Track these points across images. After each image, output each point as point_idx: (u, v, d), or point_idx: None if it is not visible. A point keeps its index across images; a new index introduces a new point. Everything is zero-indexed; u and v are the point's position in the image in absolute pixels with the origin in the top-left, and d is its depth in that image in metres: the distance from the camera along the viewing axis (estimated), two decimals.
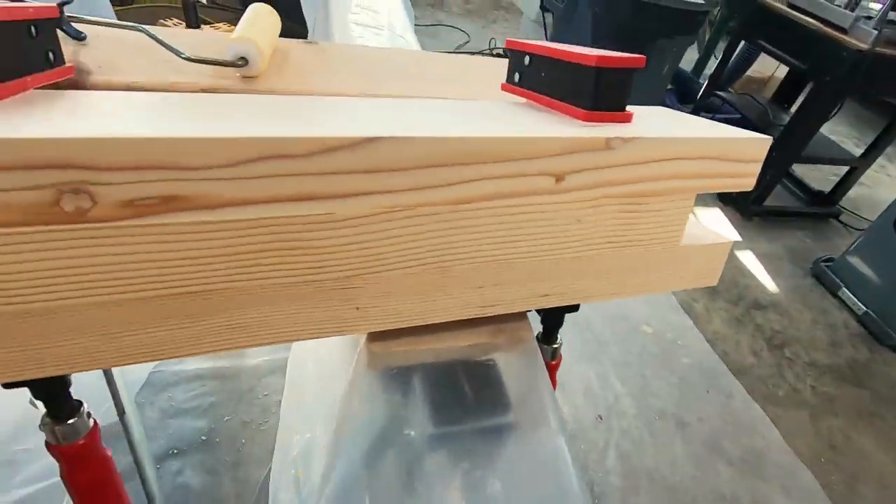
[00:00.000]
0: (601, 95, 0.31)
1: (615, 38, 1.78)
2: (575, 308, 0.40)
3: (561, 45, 0.36)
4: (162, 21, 2.03)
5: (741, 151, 0.32)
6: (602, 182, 0.29)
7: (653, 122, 0.33)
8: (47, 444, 0.32)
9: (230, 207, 0.22)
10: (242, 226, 0.23)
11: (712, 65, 2.79)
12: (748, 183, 0.34)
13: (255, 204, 0.23)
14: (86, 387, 0.75)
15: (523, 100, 0.38)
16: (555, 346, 0.43)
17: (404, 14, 0.82)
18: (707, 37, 2.47)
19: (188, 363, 1.27)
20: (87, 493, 0.34)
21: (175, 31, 0.50)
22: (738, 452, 1.35)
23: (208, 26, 2.13)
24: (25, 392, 0.75)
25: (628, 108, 0.32)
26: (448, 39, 3.45)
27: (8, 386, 0.27)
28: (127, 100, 0.26)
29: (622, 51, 0.39)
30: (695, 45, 2.73)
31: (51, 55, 0.30)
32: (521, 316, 0.36)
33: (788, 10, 2.09)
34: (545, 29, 2.48)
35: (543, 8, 2.20)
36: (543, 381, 0.32)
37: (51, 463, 0.72)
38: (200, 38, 0.52)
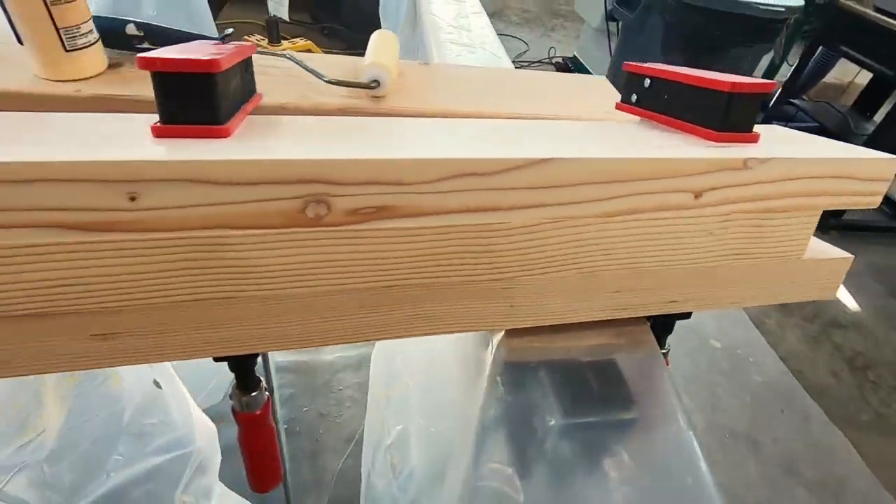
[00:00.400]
0: (733, 118, 0.33)
1: (687, 48, 1.76)
2: (687, 315, 0.42)
3: (683, 69, 0.38)
4: (246, 37, 2.19)
5: (869, 170, 0.34)
6: (735, 198, 0.32)
7: (779, 141, 0.35)
8: (233, 411, 0.38)
9: (428, 216, 0.27)
10: (435, 231, 0.27)
11: (784, 71, 2.68)
12: (874, 201, 0.35)
13: (448, 213, 0.27)
14: (190, 372, 0.83)
15: (637, 118, 0.41)
16: (663, 351, 0.45)
17: (493, 30, 0.87)
18: (783, 43, 2.38)
19: (270, 356, 1.36)
20: (255, 456, 0.40)
21: (306, 56, 0.56)
22: (817, 477, 1.30)
23: (286, 41, 2.27)
24: (151, 373, 0.84)
25: None
26: (507, 48, 3.49)
27: (217, 359, 0.33)
28: (330, 123, 0.31)
29: (695, 60, 0.41)
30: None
31: (252, 85, 0.35)
32: (641, 320, 0.39)
33: (875, 14, 1.98)
34: (609, 38, 2.47)
35: (610, 17, 2.19)
36: (668, 381, 0.35)
37: (174, 437, 0.80)
38: (329, 62, 0.58)
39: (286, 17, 1.92)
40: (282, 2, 1.80)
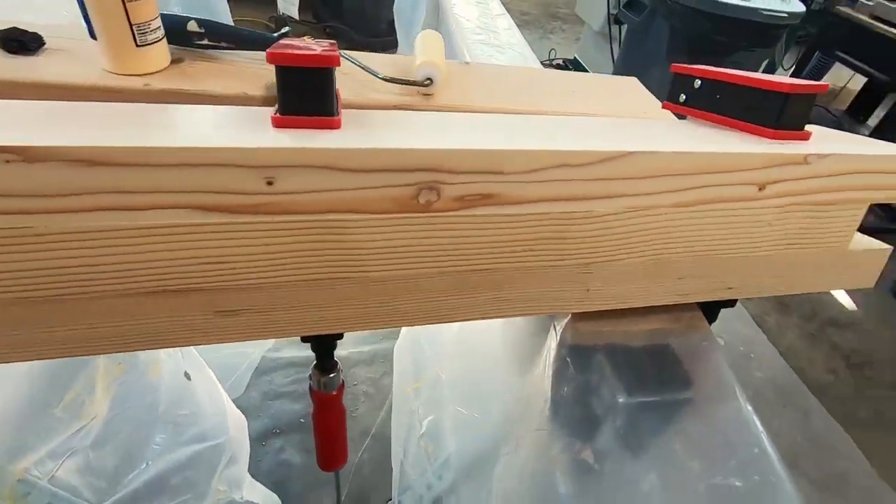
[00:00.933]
0: (789, 117, 0.35)
1: (692, 51, 1.79)
2: (731, 304, 0.44)
3: (736, 71, 0.41)
4: None
5: None
6: (794, 191, 0.34)
7: (827, 139, 0.38)
8: (310, 389, 0.39)
9: (524, 204, 0.29)
10: (529, 219, 0.29)
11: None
12: None
13: (542, 202, 0.29)
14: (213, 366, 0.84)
15: (684, 117, 0.44)
16: None
17: (518, 32, 0.89)
18: (782, 48, 2.44)
19: (284, 352, 1.37)
20: (326, 436, 0.41)
21: (357, 55, 0.58)
22: (819, 473, 1.33)
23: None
24: (183, 364, 0.85)
25: None
26: None
27: (304, 339, 0.35)
28: (417, 117, 0.33)
29: (698, 63, 0.44)
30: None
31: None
32: (693, 307, 0.41)
33: (872, 21, 2.04)
34: (611, 41, 2.50)
35: (616, 20, 2.23)
36: (724, 363, 0.37)
37: (207, 427, 0.81)
38: (380, 62, 0.60)
39: (296, 15, 1.93)
40: (292, 0, 1.81)
